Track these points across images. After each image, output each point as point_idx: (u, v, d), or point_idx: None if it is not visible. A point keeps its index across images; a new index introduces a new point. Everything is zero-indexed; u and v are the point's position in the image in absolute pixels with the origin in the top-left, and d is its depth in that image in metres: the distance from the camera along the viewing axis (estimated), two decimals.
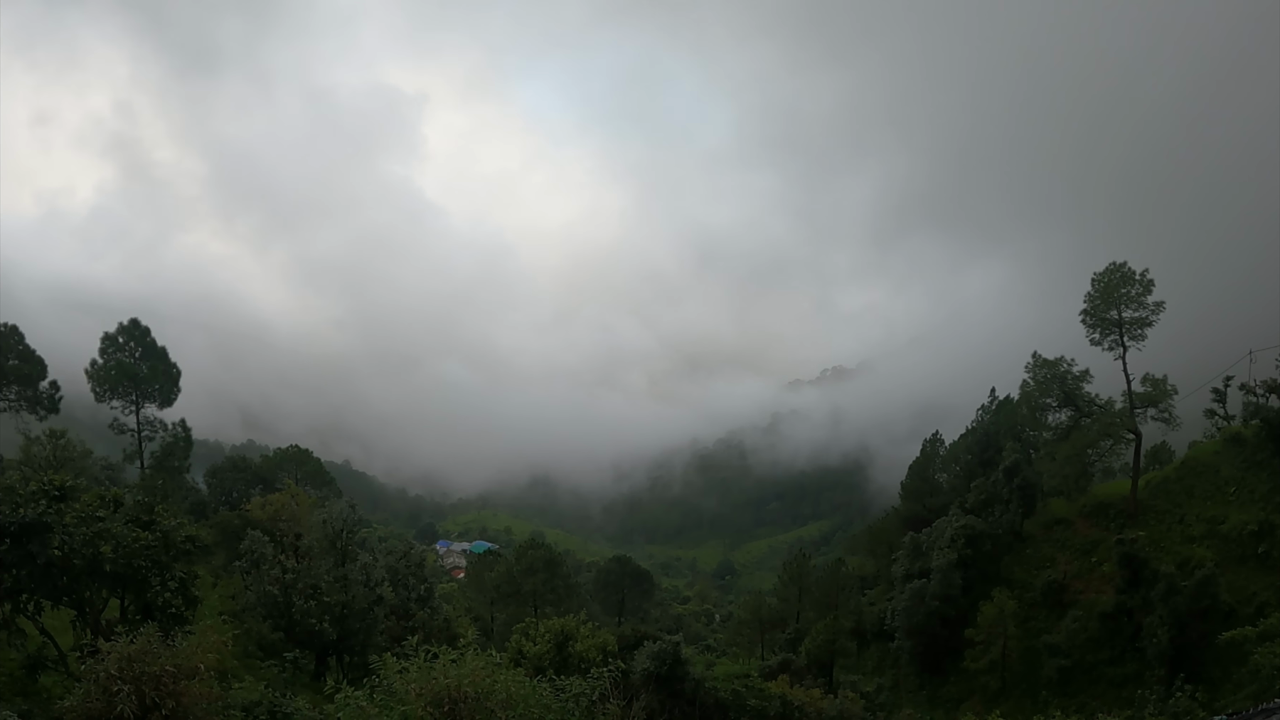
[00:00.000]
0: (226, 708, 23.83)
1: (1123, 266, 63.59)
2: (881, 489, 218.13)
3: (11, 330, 63.29)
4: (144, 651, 19.57)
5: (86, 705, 19.30)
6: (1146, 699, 46.27)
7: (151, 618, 27.54)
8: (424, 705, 16.07)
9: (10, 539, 26.60)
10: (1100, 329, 64.29)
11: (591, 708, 19.15)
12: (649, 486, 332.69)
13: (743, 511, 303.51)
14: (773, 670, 58.31)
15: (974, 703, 58.06)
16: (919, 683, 65.22)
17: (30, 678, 29.07)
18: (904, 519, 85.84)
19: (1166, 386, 64.14)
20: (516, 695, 17.01)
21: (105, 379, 65.98)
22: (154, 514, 31.33)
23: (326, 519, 47.54)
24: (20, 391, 63.14)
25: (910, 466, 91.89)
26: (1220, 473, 62.57)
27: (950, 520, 67.02)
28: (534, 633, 46.07)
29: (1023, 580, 63.40)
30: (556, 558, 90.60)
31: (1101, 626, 55.15)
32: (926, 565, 65.84)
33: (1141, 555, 54.03)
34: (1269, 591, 51.83)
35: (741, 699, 45.79)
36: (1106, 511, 66.40)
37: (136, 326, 67.61)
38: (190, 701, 19.67)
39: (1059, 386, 65.69)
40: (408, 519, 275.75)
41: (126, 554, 28.81)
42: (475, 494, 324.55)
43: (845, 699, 51.25)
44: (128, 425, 67.31)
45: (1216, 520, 58.85)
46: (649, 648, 44.85)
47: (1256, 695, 40.43)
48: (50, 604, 29.12)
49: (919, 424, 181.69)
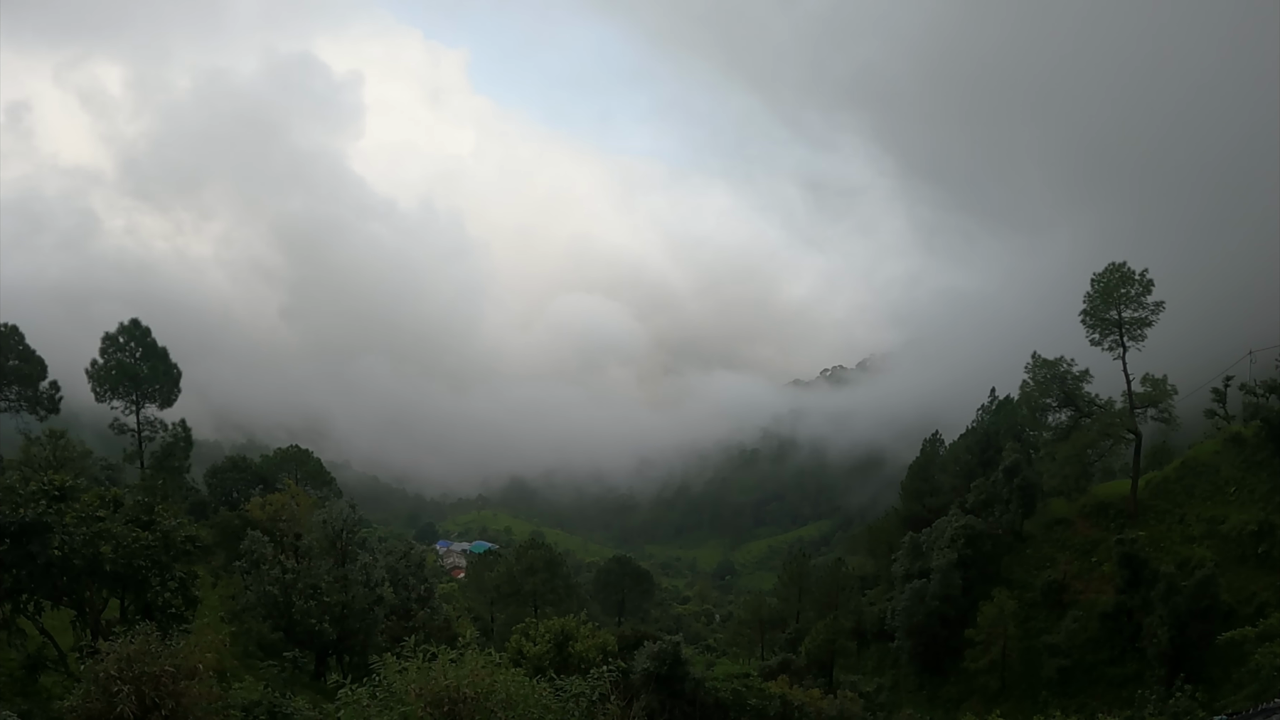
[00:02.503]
0: (226, 708, 23.83)
1: (1122, 266, 63.58)
2: (881, 489, 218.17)
3: (12, 330, 63.30)
4: (144, 651, 19.59)
5: (86, 705, 19.32)
6: (1146, 699, 46.25)
7: (151, 618, 27.56)
8: (424, 705, 16.07)
9: (10, 539, 26.63)
10: (1100, 329, 64.28)
11: (591, 708, 19.14)
12: (649, 486, 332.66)
13: (743, 511, 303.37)
14: (773, 670, 58.34)
15: (974, 703, 58.06)
16: (919, 683, 65.22)
17: (30, 678, 29.11)
18: (904, 519, 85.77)
19: (1166, 386, 64.14)
20: (516, 695, 17.00)
21: (105, 379, 65.93)
22: (154, 514, 31.39)
23: (326, 519, 47.60)
24: (20, 391, 63.15)
25: (910, 466, 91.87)
26: (1220, 473, 62.55)
27: (950, 520, 67.01)
28: (534, 633, 46.05)
29: (1023, 580, 63.40)
30: (556, 558, 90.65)
31: (1101, 626, 55.15)
32: (926, 565, 65.84)
33: (1141, 555, 54.01)
34: (1269, 591, 51.82)
35: (741, 699, 45.79)
36: (1106, 511, 66.40)
37: (137, 327, 67.56)
38: (190, 701, 19.69)
39: (1059, 386, 65.70)
40: (408, 519, 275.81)
41: (126, 554, 28.85)
42: (475, 494, 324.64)
43: (845, 699, 51.26)
44: (128, 425, 67.27)
45: (1216, 520, 58.84)
46: (649, 648, 44.85)
47: (1256, 695, 40.43)
48: (50, 604, 29.16)
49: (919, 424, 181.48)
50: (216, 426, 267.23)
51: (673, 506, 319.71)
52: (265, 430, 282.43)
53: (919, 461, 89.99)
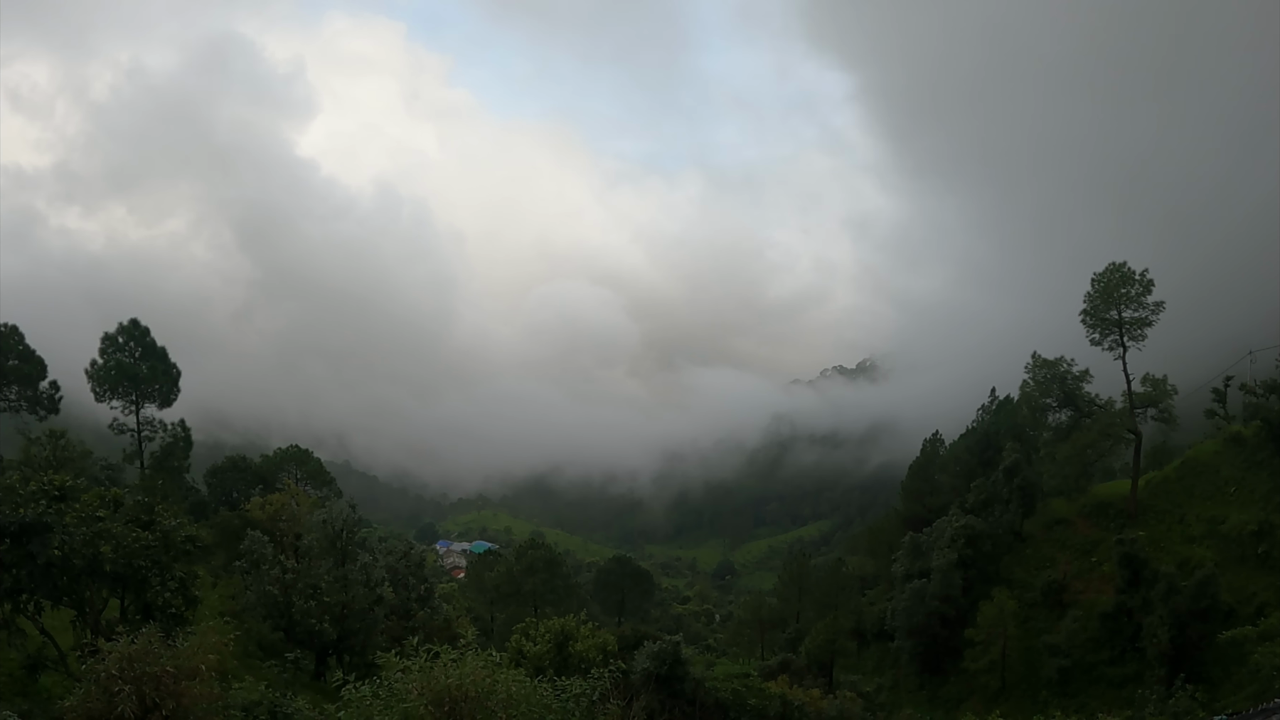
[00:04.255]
0: (226, 708, 23.80)
1: (1122, 266, 63.62)
2: (881, 489, 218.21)
3: (12, 330, 63.27)
4: (144, 652, 19.54)
5: (86, 705, 19.28)
6: (1146, 699, 46.27)
7: (151, 618, 27.56)
8: (425, 704, 16.09)
9: (10, 539, 26.62)
10: (1100, 329, 64.33)
11: (591, 708, 19.16)
12: (649, 486, 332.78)
13: (743, 511, 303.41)
14: (773, 670, 58.33)
15: (974, 703, 58.06)
16: (919, 683, 65.22)
17: (30, 678, 29.11)
18: (904, 519, 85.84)
19: (1166, 386, 64.21)
20: (517, 695, 17.03)
21: (105, 379, 65.90)
22: (154, 514, 31.37)
23: (326, 519, 47.46)
24: (20, 391, 63.11)
25: (910, 466, 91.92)
26: (1220, 473, 62.61)
27: (950, 520, 67.02)
28: (534, 633, 46.02)
29: (1023, 580, 63.41)
30: (556, 558, 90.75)
31: (1101, 626, 55.14)
32: (926, 565, 65.85)
33: (1141, 555, 54.02)
34: (1269, 591, 51.87)
35: (741, 699, 45.79)
36: (1106, 511, 66.43)
37: (136, 327, 67.51)
38: (190, 701, 19.65)
39: (1059, 386, 65.72)
40: (408, 519, 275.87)
41: (126, 554, 28.84)
42: (475, 494, 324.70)
43: (845, 699, 51.30)
44: (128, 425, 67.25)
45: (1216, 520, 58.88)
46: (649, 648, 44.84)
47: (1256, 695, 40.48)
48: (50, 604, 29.13)
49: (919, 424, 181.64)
50: (200, 426, 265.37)
51: (673, 506, 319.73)
52: (251, 430, 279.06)
53: (919, 461, 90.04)
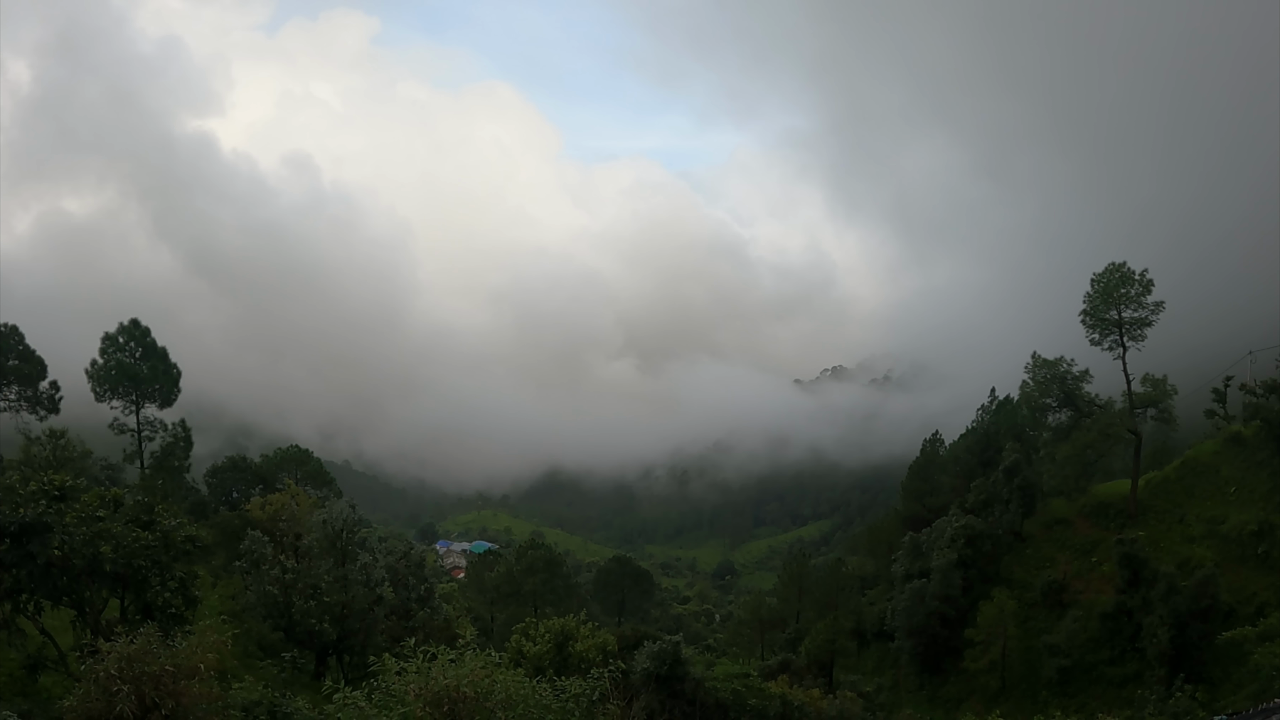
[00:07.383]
0: (226, 708, 23.81)
1: (1122, 266, 63.59)
2: (881, 489, 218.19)
3: (12, 330, 63.28)
4: (144, 651, 19.57)
5: (86, 705, 19.30)
6: (1146, 699, 46.28)
7: (151, 618, 27.57)
8: (423, 706, 16.08)
9: (10, 539, 26.65)
10: (1100, 329, 64.31)
11: (591, 708, 19.15)
12: (649, 486, 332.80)
13: (743, 511, 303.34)
14: (773, 670, 58.35)
15: (974, 703, 58.08)
16: (919, 683, 65.19)
17: (30, 678, 29.15)
18: (904, 519, 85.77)
19: (1166, 386, 64.20)
20: (516, 695, 17.02)
21: (105, 379, 65.92)
22: (154, 514, 31.40)
23: (326, 519, 47.47)
24: (20, 391, 63.12)
25: (910, 466, 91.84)
26: (1220, 473, 62.62)
27: (950, 520, 67.01)
28: (534, 633, 46.07)
29: (1023, 580, 63.38)
30: (556, 558, 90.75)
31: (1101, 626, 55.13)
32: (926, 565, 65.83)
33: (1141, 555, 54.01)
34: (1269, 591, 51.90)
35: (741, 699, 45.77)
36: (1106, 511, 66.40)
37: (137, 326, 67.56)
38: (190, 701, 19.68)
39: (1059, 386, 65.70)
40: (408, 519, 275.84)
41: (126, 554, 28.86)
42: (475, 494, 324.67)
43: (845, 699, 51.22)
44: (128, 425, 67.27)
45: (1216, 520, 58.88)
46: (649, 648, 44.81)
47: (1256, 695, 40.51)
48: (50, 604, 29.17)
49: (919, 424, 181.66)
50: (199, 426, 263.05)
51: (672, 506, 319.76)
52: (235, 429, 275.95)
53: (919, 461, 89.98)
